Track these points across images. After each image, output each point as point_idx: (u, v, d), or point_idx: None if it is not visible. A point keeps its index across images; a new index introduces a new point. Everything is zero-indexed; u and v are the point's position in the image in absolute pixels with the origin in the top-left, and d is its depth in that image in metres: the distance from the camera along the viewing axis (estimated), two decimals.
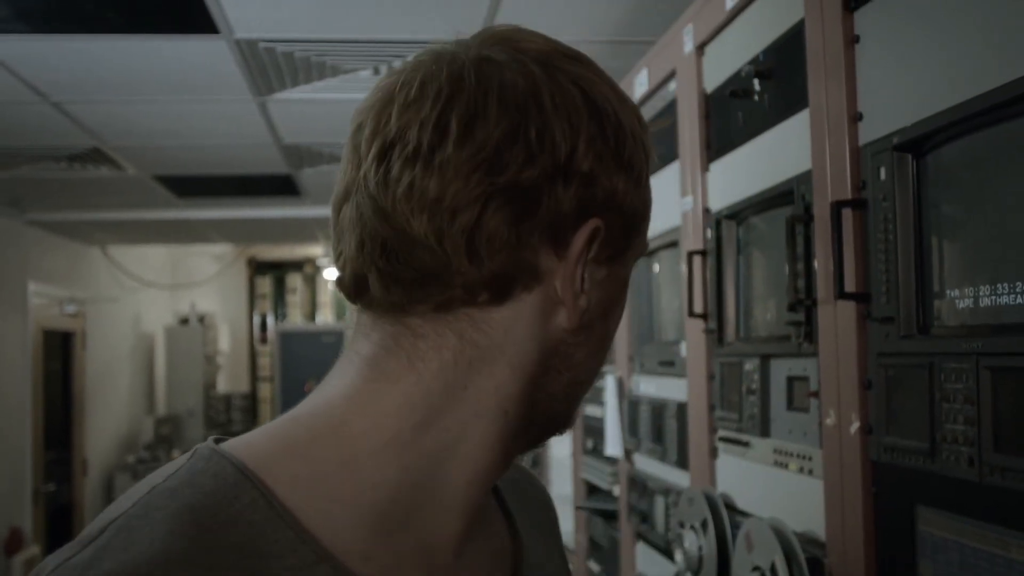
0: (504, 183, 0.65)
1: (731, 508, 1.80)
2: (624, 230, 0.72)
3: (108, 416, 7.05)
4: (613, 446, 2.59)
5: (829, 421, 1.41)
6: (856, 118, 1.34)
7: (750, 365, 1.73)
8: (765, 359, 1.69)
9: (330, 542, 0.65)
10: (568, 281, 0.69)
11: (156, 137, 3.76)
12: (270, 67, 2.94)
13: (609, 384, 2.63)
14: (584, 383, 0.76)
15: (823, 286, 1.43)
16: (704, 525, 1.81)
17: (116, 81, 3.07)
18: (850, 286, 1.33)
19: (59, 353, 6.20)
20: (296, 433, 0.69)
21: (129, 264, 7.42)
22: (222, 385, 8.83)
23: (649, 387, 2.38)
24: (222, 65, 2.93)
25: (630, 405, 2.47)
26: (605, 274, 0.72)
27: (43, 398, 5.82)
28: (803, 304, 1.48)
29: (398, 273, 0.67)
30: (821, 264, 1.44)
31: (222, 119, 3.51)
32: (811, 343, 1.48)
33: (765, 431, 1.68)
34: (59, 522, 6.11)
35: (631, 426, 2.46)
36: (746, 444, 1.75)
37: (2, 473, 5.13)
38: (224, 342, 8.93)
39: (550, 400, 0.74)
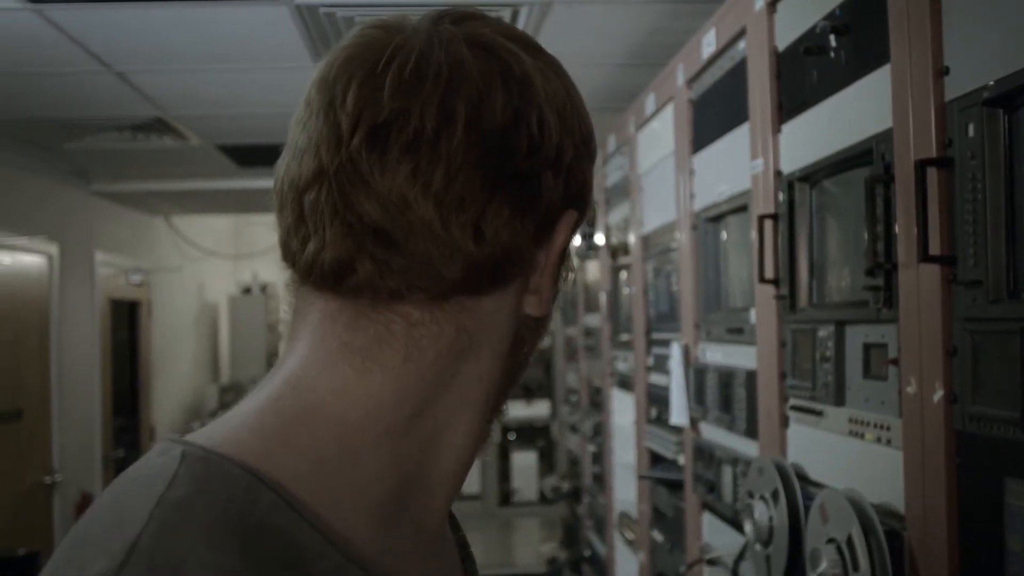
0: (511, 172, 0.65)
1: (803, 479, 1.76)
2: (581, 221, 0.73)
3: (173, 384, 7.17)
4: (679, 415, 2.55)
5: (910, 389, 1.35)
6: (942, 72, 1.28)
7: (824, 332, 1.68)
8: (840, 326, 1.64)
9: (348, 539, 0.64)
10: (549, 270, 0.71)
11: (218, 106, 3.78)
12: (331, 32, 2.92)
13: (675, 352, 2.59)
14: (525, 368, 0.78)
15: (904, 249, 1.37)
16: (775, 496, 1.77)
17: (179, 50, 3.08)
18: (935, 249, 1.27)
19: (126, 322, 6.31)
20: (285, 426, 0.65)
21: (192, 234, 7.51)
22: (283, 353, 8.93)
23: (716, 355, 2.33)
24: (283, 31, 2.92)
25: (696, 373, 2.43)
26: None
27: (111, 366, 5.93)
28: (883, 268, 1.43)
29: (393, 259, 0.65)
30: (902, 226, 1.38)
31: (283, 87, 3.50)
32: (891, 309, 1.43)
33: (840, 400, 1.63)
34: None
35: (697, 395, 2.42)
36: (819, 413, 1.70)
37: (74, 439, 5.25)
38: (285, 311, 9.01)
39: (509, 384, 0.76)
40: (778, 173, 1.87)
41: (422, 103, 0.63)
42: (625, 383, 3.48)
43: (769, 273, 1.88)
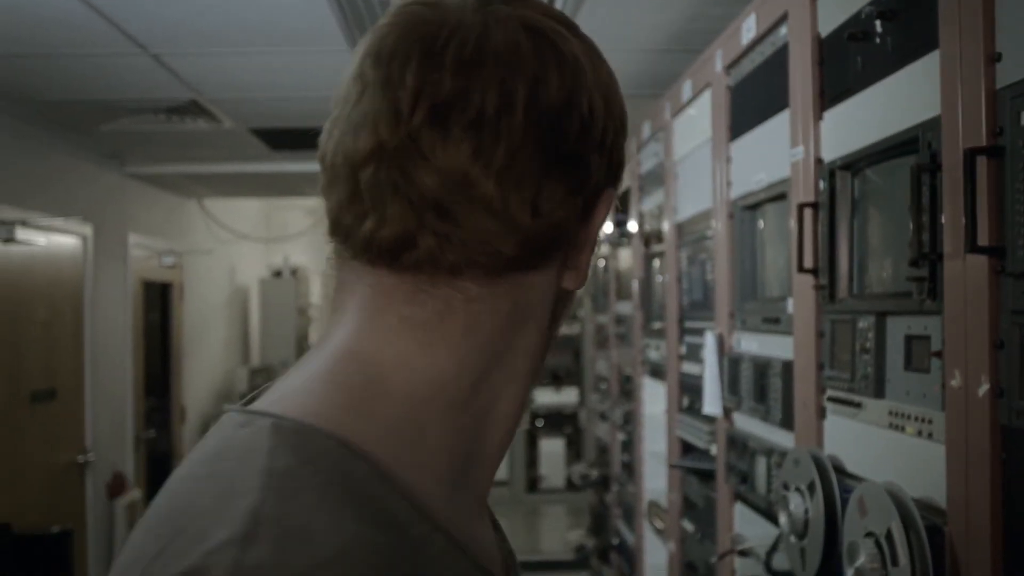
0: (564, 152, 0.67)
1: (839, 471, 1.73)
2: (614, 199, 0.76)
3: (204, 366, 7.22)
4: (712, 404, 2.53)
5: (954, 383, 1.33)
6: (993, 59, 1.25)
7: (864, 323, 1.65)
8: (881, 317, 1.61)
9: (427, 508, 0.65)
10: (588, 247, 0.74)
11: (252, 89, 3.78)
12: (366, 15, 2.91)
13: (709, 341, 2.56)
14: (555, 342, 0.80)
15: (951, 240, 1.35)
16: (811, 487, 1.75)
17: (214, 32, 3.08)
18: (983, 239, 1.24)
19: (157, 304, 6.35)
20: (356, 399, 0.67)
21: (224, 217, 7.55)
22: (315, 337, 8.97)
23: (751, 344, 2.31)
24: (318, 15, 2.91)
25: (730, 363, 2.40)
26: None
27: (143, 348, 5.98)
28: (927, 259, 1.40)
29: (453, 234, 0.66)
30: (949, 216, 1.35)
31: (317, 70, 3.50)
32: (935, 300, 1.40)
33: (879, 392, 1.61)
34: (158, 468, 6.30)
35: (731, 384, 2.40)
36: (858, 405, 1.68)
37: (106, 420, 5.30)
38: (316, 295, 9.06)
39: (544, 358, 0.78)
40: (819, 161, 1.85)
41: (483, 83, 0.65)
42: (656, 371, 3.46)
43: (808, 263, 1.85)
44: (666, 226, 3.21)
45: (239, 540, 0.54)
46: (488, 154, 0.64)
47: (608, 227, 4.54)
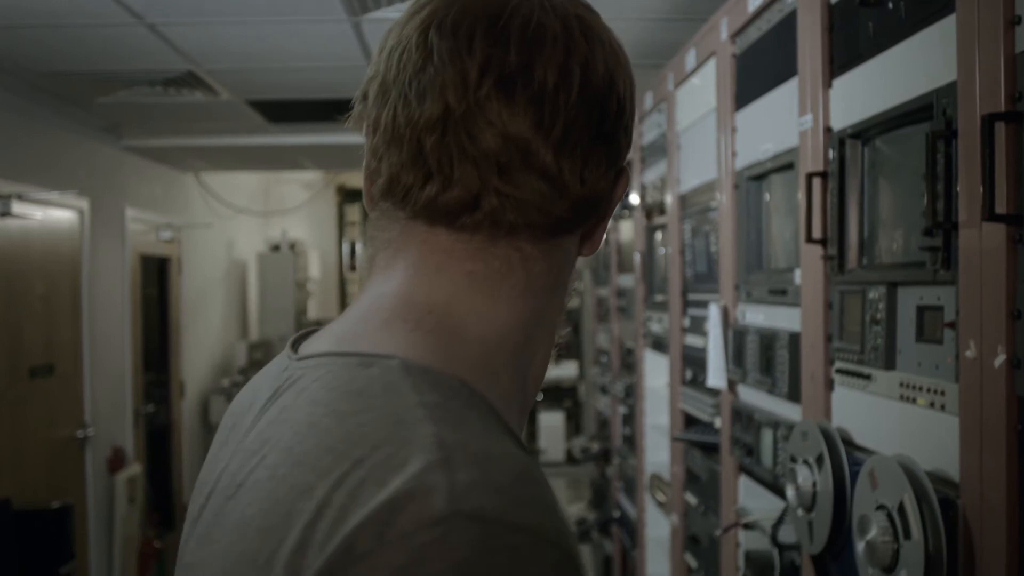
0: (604, 130, 0.74)
1: (848, 443, 1.72)
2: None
3: (203, 340, 7.19)
4: (716, 377, 2.52)
5: (969, 353, 1.31)
6: (1013, 22, 1.22)
7: (875, 293, 1.63)
8: (892, 287, 1.59)
9: None
10: (607, 220, 0.82)
11: (250, 60, 3.73)
12: None
13: (713, 313, 2.54)
14: None
15: (966, 208, 1.32)
16: (819, 460, 1.73)
17: (211, 1, 3.03)
18: (1000, 207, 1.22)
19: (155, 278, 6.32)
20: (444, 344, 0.73)
21: (221, 191, 7.50)
22: (313, 311, 8.95)
23: (757, 316, 2.29)
24: None
25: (735, 335, 2.38)
26: None
27: (142, 322, 5.95)
28: (942, 228, 1.38)
29: (513, 195, 0.72)
30: (965, 184, 1.32)
31: (315, 41, 3.45)
32: (948, 270, 1.38)
33: (890, 363, 1.59)
34: (158, 442, 6.29)
35: (736, 357, 2.38)
36: (867, 377, 1.66)
37: (105, 395, 5.28)
38: (314, 269, 9.03)
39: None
40: (828, 130, 1.82)
41: (544, 61, 0.71)
42: (659, 344, 3.44)
43: (817, 233, 1.83)
44: (669, 198, 3.18)
45: (442, 463, 0.58)
46: (548, 126, 0.71)
47: None
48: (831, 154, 1.79)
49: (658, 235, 3.56)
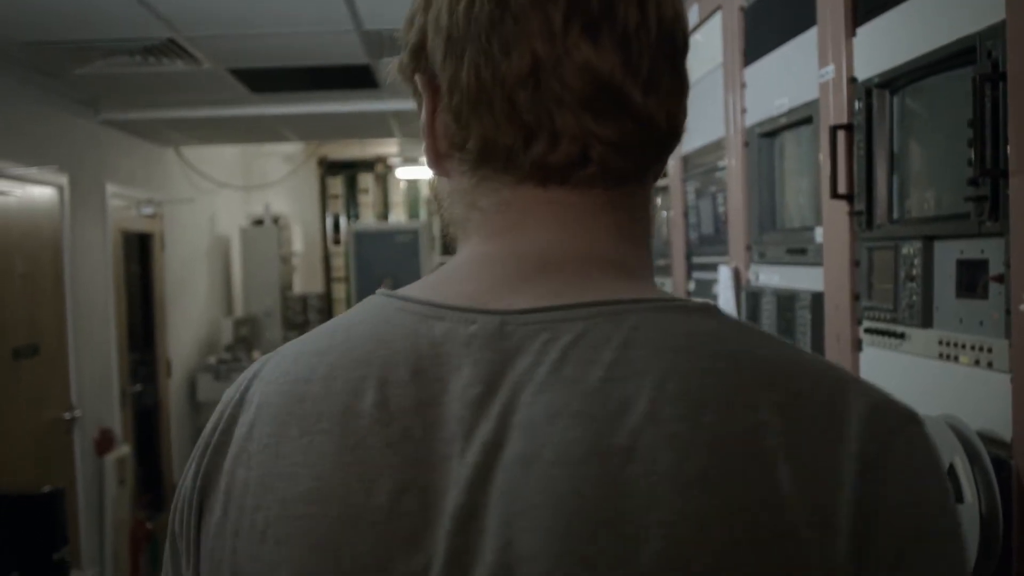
0: (678, 64, 0.73)
1: None
2: None
3: (188, 318, 7.08)
4: None
5: (1023, 307, 1.24)
6: None
7: (909, 249, 1.56)
8: (928, 241, 1.52)
9: None
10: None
11: (232, 25, 3.61)
12: None
13: (723, 276, 2.48)
14: None
15: (1016, 155, 1.25)
16: None
17: None
18: None
19: (137, 255, 6.20)
20: (640, 288, 0.71)
21: (202, 166, 7.37)
22: (298, 286, 8.85)
23: (772, 277, 2.22)
24: None
25: (749, 297, 2.32)
26: None
27: (125, 300, 5.84)
28: (989, 176, 1.31)
29: (615, 142, 0.69)
30: (1015, 129, 1.26)
31: (301, 4, 3.34)
32: (996, 221, 1.31)
33: (927, 321, 1.52)
34: (145, 422, 6.19)
35: (750, 319, 2.31)
36: (900, 336, 1.60)
37: (91, 375, 5.17)
38: (298, 243, 8.91)
39: None
40: (852, 80, 1.74)
41: (624, 3, 0.68)
42: None
43: (842, 188, 1.76)
44: (670, 159, 3.10)
45: (861, 382, 0.66)
46: (636, 66, 0.68)
47: None
48: (856, 106, 1.72)
49: (657, 199, 3.48)
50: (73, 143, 5.05)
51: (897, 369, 1.62)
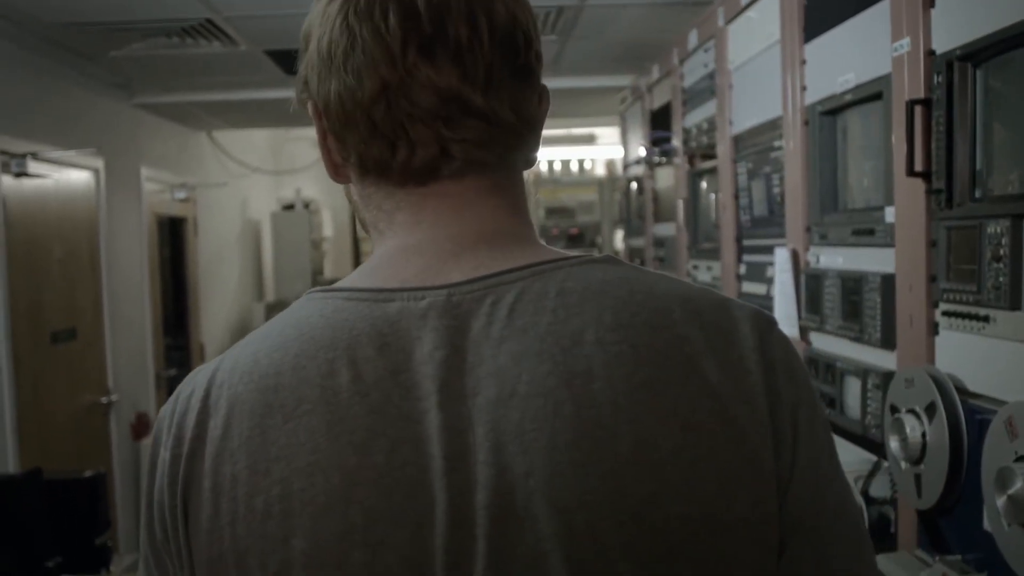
0: (520, 64, 0.84)
1: (961, 391, 1.59)
2: None
3: (220, 303, 7.07)
4: (785, 324, 2.38)
5: None
6: None
7: (995, 228, 1.50)
8: (1017, 220, 1.45)
9: None
10: (540, 134, 0.92)
11: (271, 5, 3.57)
12: None
13: (780, 258, 2.41)
14: None
15: None
16: (930, 409, 1.61)
17: None
18: None
19: (169, 239, 6.18)
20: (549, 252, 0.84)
21: (233, 150, 7.35)
22: (328, 271, 8.83)
23: (834, 259, 2.16)
24: None
25: (809, 280, 2.25)
26: None
27: (159, 285, 5.83)
28: None
29: (467, 139, 0.83)
30: None
31: None
32: None
33: (1015, 303, 1.46)
34: None
35: (810, 303, 2.25)
36: (984, 319, 1.53)
37: (127, 359, 5.17)
38: (328, 228, 8.89)
39: None
40: (930, 53, 1.67)
41: (454, 20, 0.78)
42: None
43: (919, 166, 1.69)
44: (719, 140, 3.04)
45: (732, 299, 0.83)
46: (473, 76, 0.78)
47: (641, 150, 4.36)
48: (935, 80, 1.65)
49: (702, 181, 3.42)
50: (108, 126, 5.03)
51: (980, 352, 1.56)
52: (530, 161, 0.89)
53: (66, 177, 4.48)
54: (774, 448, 0.76)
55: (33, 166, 3.98)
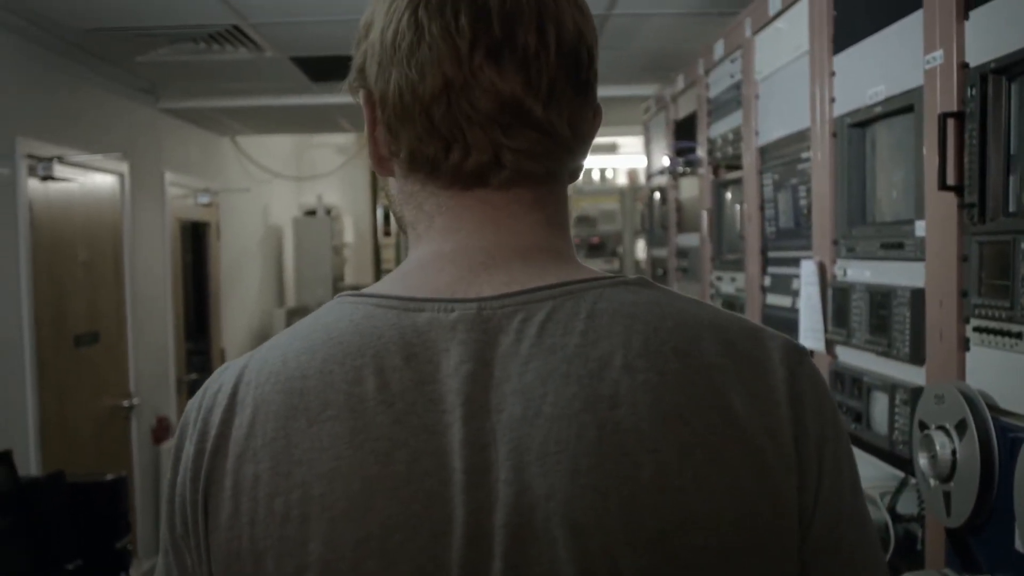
0: (582, 80, 0.85)
1: (993, 408, 1.57)
2: None
3: (241, 308, 7.10)
4: (810, 338, 2.37)
5: None
6: None
7: None
8: None
9: None
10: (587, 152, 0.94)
11: (298, 12, 3.58)
12: None
13: (806, 271, 2.39)
14: None
15: None
16: (961, 426, 1.59)
17: None
18: None
19: (191, 244, 6.20)
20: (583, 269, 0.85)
21: (256, 155, 7.38)
22: (349, 277, 8.85)
23: (862, 273, 2.14)
24: None
25: (836, 293, 2.23)
26: None
27: (181, 289, 5.85)
28: None
29: (522, 149, 0.83)
30: None
31: None
32: None
33: None
34: None
35: (837, 316, 2.23)
36: (1017, 336, 1.51)
37: (149, 363, 5.19)
38: (349, 234, 8.91)
39: None
40: (964, 66, 1.66)
41: (524, 28, 0.78)
42: (729, 305, 3.29)
43: (952, 179, 1.67)
44: (745, 151, 3.02)
45: (768, 328, 0.83)
46: (536, 86, 0.79)
47: (665, 160, 4.35)
48: (969, 93, 1.63)
49: (727, 192, 3.40)
50: (132, 131, 5.07)
51: (1012, 369, 1.53)
52: (575, 173, 0.89)
53: (91, 181, 4.51)
54: (798, 481, 0.76)
55: (59, 170, 4.01)
